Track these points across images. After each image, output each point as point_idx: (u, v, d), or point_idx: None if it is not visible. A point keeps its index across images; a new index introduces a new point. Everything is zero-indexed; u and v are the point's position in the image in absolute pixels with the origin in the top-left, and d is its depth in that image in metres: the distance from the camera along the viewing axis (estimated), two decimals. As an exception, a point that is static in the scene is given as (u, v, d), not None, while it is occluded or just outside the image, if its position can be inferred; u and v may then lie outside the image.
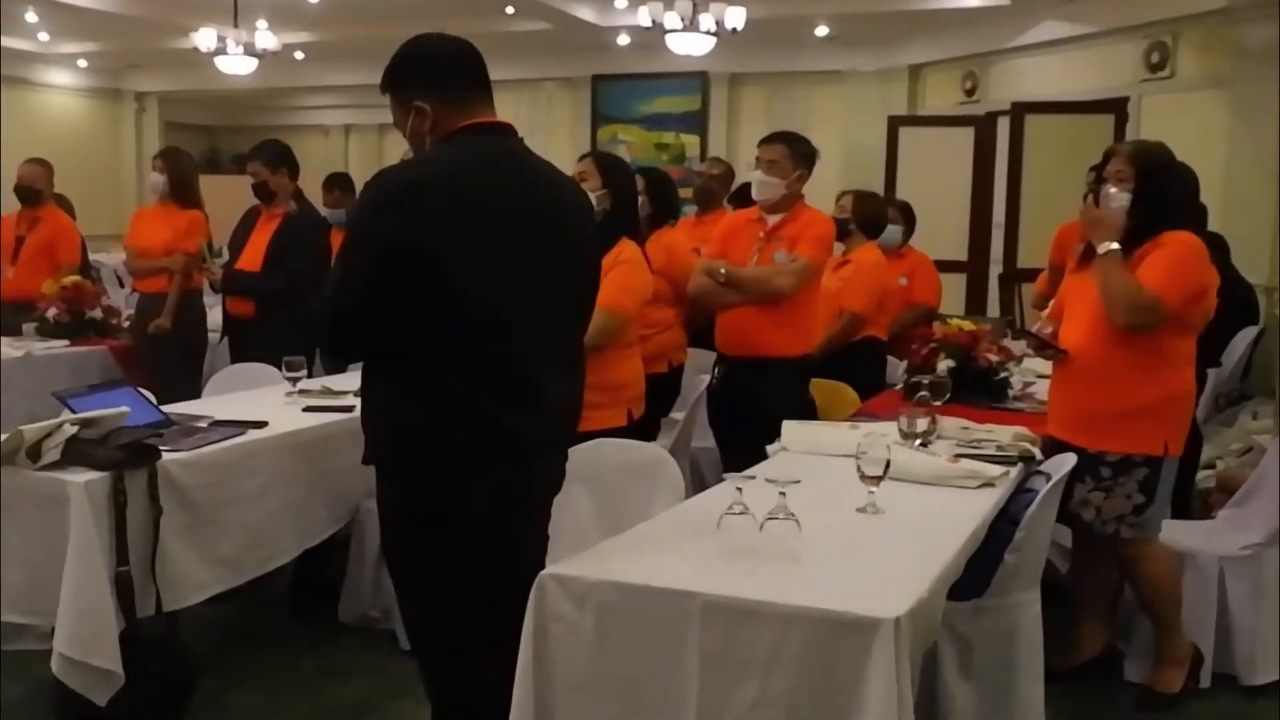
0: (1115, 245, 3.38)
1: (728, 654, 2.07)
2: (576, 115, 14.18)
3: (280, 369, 4.53)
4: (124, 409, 3.17)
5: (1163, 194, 3.46)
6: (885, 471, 2.68)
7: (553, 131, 13.58)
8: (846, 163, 11.41)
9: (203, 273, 5.18)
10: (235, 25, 10.85)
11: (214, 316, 5.92)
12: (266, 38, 11.04)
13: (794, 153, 4.00)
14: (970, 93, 11.55)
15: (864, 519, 2.65)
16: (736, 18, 9.07)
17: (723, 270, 3.97)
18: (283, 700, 3.49)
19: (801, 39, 12.11)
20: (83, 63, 15.41)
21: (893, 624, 1.97)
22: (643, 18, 9.23)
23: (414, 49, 2.43)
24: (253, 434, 3.45)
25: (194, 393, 5.16)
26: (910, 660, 2.08)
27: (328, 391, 4.11)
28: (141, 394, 3.51)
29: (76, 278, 5.76)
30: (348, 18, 12.43)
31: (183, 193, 5.59)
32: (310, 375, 4.22)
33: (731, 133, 13.39)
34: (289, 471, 3.53)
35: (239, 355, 5.07)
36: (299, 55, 13.71)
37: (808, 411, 3.96)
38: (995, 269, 10.35)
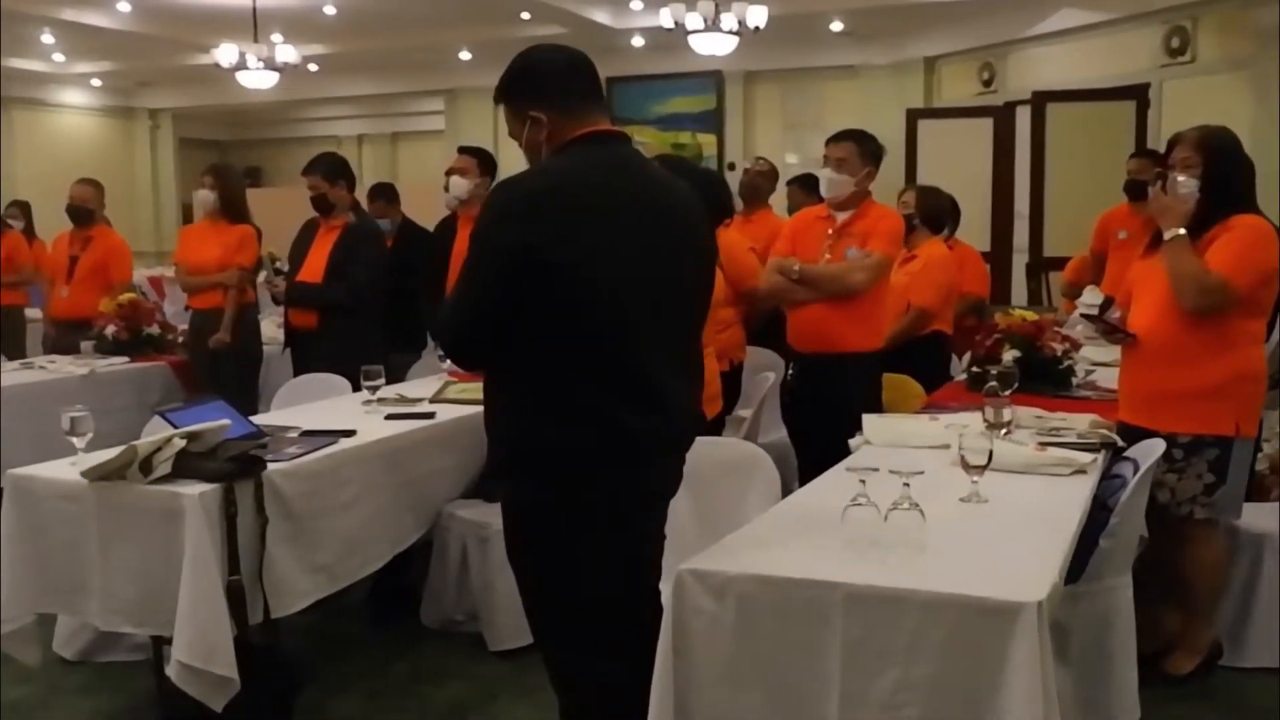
0: (1182, 231, 3.44)
1: (870, 642, 2.11)
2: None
3: (344, 378, 4.64)
4: (225, 422, 3.23)
5: (1229, 179, 3.51)
6: (989, 461, 2.73)
7: (566, 134, 13.62)
8: (864, 158, 11.46)
9: (267, 285, 5.22)
10: (255, 40, 10.91)
11: (264, 329, 6.00)
12: (287, 51, 11.11)
13: (863, 150, 4.07)
14: (988, 83, 11.60)
15: (971, 508, 2.69)
16: (759, 16, 9.14)
17: (796, 268, 4.02)
18: (382, 705, 3.53)
19: (816, 34, 12.17)
20: (96, 82, 15.49)
21: (1035, 608, 2.02)
22: (664, 19, 9.30)
23: (527, 60, 2.48)
24: (344, 443, 3.51)
25: (252, 405, 5.24)
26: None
27: (403, 399, 4.17)
28: (232, 408, 3.56)
29: (132, 295, 5.82)
30: (363, 29, 12.49)
31: (232, 208, 5.64)
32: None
33: (748, 130, 13.45)
34: (378, 479, 3.59)
35: (301, 366, 5.12)
36: (313, 67, 13.77)
37: (878, 406, 4.01)
38: (1019, 258, 10.42)
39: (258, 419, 3.80)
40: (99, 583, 3.06)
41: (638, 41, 12.47)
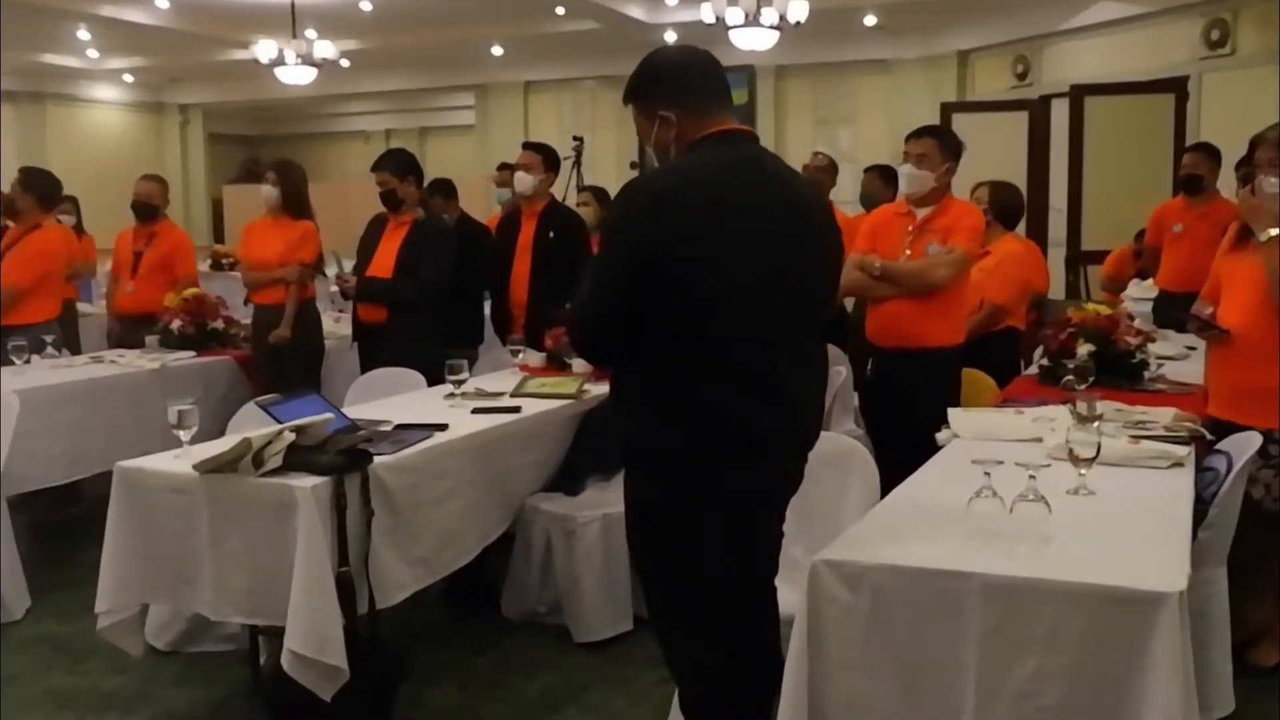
0: (1275, 231, 3.46)
1: (1008, 631, 2.15)
2: (622, 113, 14.04)
3: (418, 372, 4.70)
4: (328, 415, 3.27)
5: None
6: (1098, 454, 2.76)
7: (597, 129, 13.67)
8: (895, 152, 11.46)
9: (338, 282, 5.26)
10: (294, 36, 10.97)
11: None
12: (325, 47, 11.16)
13: (942, 146, 4.09)
14: (1022, 76, 11.60)
15: (1080, 500, 2.71)
16: (799, 11, 9.15)
17: (877, 265, 4.04)
18: (476, 696, 3.57)
19: (848, 29, 12.19)
20: (128, 78, 15.59)
21: (1177, 598, 2.06)
22: (705, 14, 9.32)
23: (657, 61, 2.52)
24: (438, 437, 3.55)
25: (315, 400, 5.27)
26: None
27: (483, 394, 4.21)
28: (327, 401, 3.61)
29: (196, 290, 5.88)
30: (396, 24, 12.55)
31: (295, 205, 5.67)
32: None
33: (779, 125, 13.48)
34: (471, 473, 3.63)
35: (369, 361, 5.16)
36: (344, 63, 13.83)
37: (958, 400, 4.04)
38: (1055, 251, 10.42)
39: (350, 412, 3.83)
40: (209, 574, 3.11)
41: (670, 36, 12.49)
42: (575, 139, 11.24)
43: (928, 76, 12.49)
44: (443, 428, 3.62)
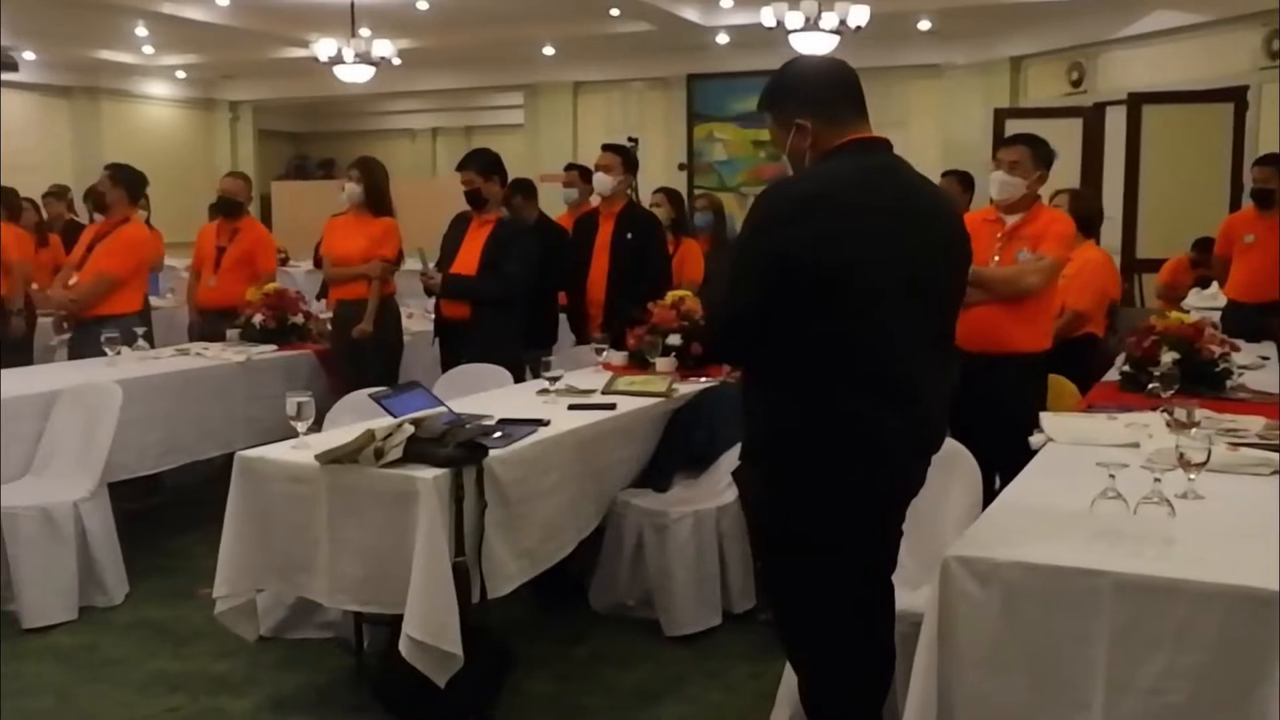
0: None
1: (1139, 630, 2.20)
2: (670, 114, 14.34)
3: (505, 369, 4.80)
4: (442, 409, 3.37)
5: None
6: (1209, 459, 2.81)
7: (645, 131, 13.73)
8: (945, 157, 11.50)
9: (422, 278, 5.36)
10: (354, 35, 11.09)
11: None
12: (383, 46, 11.27)
13: (1034, 154, 4.14)
14: (1077, 84, 11.58)
15: (1191, 504, 2.75)
16: (860, 16, 9.20)
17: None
18: (574, 687, 3.66)
19: (901, 33, 12.18)
20: (181, 74, 15.74)
21: (1311, 600, 2.11)
22: (765, 18, 9.37)
23: (793, 70, 2.59)
24: (542, 432, 3.64)
25: (394, 394, 5.37)
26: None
27: (574, 390, 4.29)
28: (433, 395, 3.70)
29: (277, 285, 5.99)
30: (450, 23, 12.62)
31: (376, 201, 5.76)
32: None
33: (829, 129, 13.48)
34: (572, 467, 3.73)
35: (450, 357, 5.25)
36: (396, 61, 13.94)
37: (1044, 405, 4.08)
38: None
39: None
40: (325, 562, 3.21)
41: (722, 39, 12.55)
42: (630, 139, 11.30)
43: (980, 82, 12.48)
44: (544, 423, 3.71)
